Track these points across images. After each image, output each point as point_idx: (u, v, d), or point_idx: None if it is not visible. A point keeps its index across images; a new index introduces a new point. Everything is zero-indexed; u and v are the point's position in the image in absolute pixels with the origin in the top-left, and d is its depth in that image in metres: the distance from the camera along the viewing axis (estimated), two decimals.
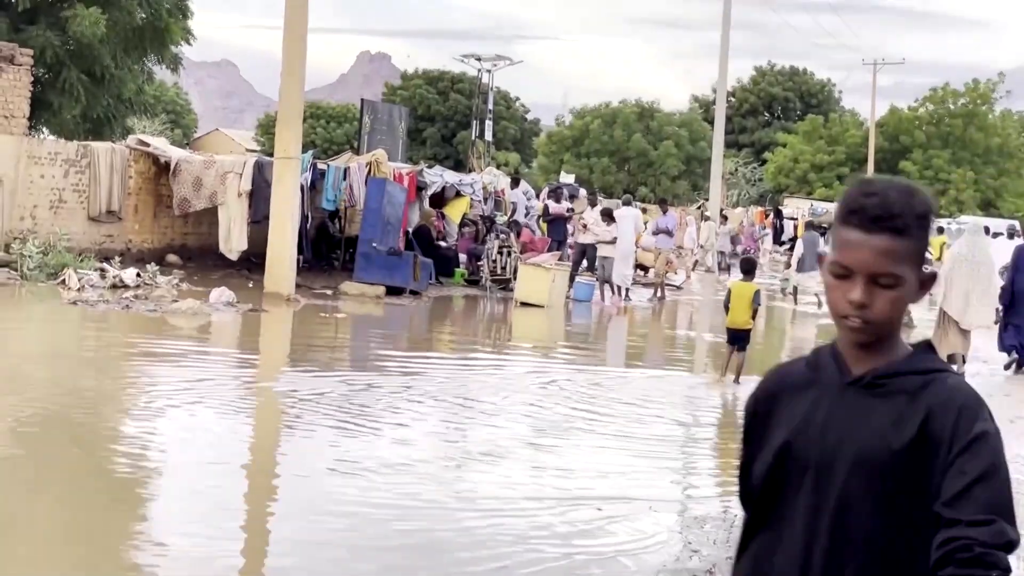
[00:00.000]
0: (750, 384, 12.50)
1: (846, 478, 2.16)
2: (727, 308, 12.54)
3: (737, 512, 7.04)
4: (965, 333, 14.73)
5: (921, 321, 18.96)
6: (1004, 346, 15.73)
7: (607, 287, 21.73)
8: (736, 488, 2.34)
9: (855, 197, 2.20)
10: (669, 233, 24.60)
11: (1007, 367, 15.55)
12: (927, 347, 2.27)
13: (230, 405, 9.55)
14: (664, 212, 25.23)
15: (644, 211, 30.27)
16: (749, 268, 13.06)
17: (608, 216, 22.45)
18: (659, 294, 23.94)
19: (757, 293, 12.46)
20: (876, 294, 2.16)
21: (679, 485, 8.19)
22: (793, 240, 37.45)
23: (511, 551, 6.12)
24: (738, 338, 12.42)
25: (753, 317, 12.42)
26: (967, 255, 14.90)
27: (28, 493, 6.73)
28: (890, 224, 2.15)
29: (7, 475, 7.15)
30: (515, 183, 29.36)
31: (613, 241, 21.74)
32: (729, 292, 12.72)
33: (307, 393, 10.26)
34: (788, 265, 27.15)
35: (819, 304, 23.43)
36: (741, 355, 12.43)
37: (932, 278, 2.24)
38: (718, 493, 7.75)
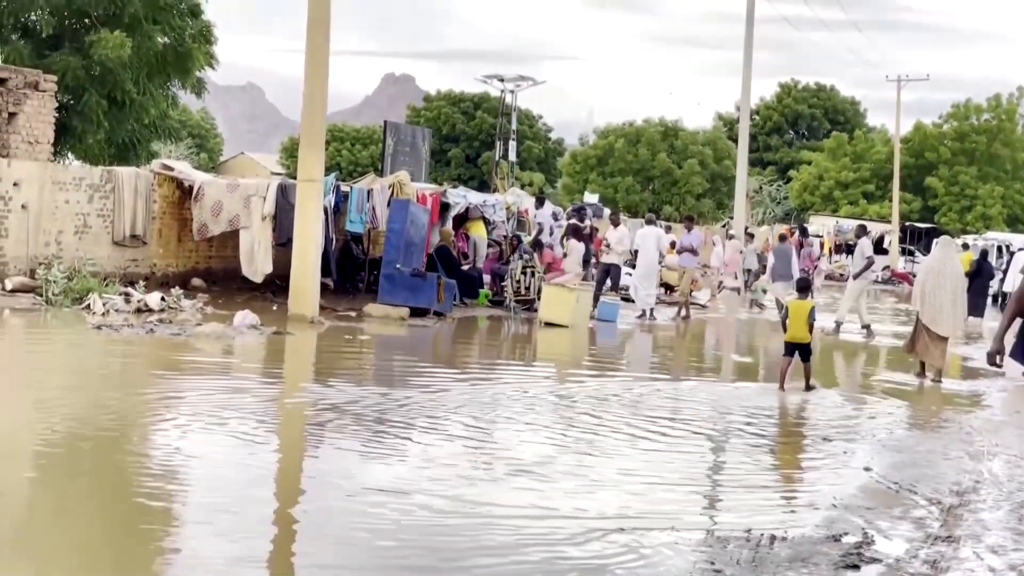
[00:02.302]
0: (821, 391, 13.24)
1: None
2: (784, 325, 13.55)
3: (764, 530, 6.93)
4: (939, 343, 15.31)
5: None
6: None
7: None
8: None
9: None
10: (694, 251, 24.46)
11: None
12: None
13: (255, 426, 9.51)
14: (689, 230, 25.07)
15: (668, 229, 30.30)
16: (804, 287, 14.27)
17: (576, 233, 22.69)
18: (683, 313, 23.82)
19: (812, 309, 13.49)
20: None
21: (703, 503, 8.08)
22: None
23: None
24: (798, 349, 13.44)
25: (810, 331, 13.43)
26: (939, 268, 15.64)
27: (55, 515, 6.70)
28: None
29: (33, 498, 7.14)
30: (540, 203, 29.34)
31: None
32: (786, 310, 13.76)
33: (331, 413, 10.23)
34: (757, 276, 28.61)
35: (780, 308, 23.50)
36: (807, 365, 13.49)
37: None
38: (742, 511, 7.63)
